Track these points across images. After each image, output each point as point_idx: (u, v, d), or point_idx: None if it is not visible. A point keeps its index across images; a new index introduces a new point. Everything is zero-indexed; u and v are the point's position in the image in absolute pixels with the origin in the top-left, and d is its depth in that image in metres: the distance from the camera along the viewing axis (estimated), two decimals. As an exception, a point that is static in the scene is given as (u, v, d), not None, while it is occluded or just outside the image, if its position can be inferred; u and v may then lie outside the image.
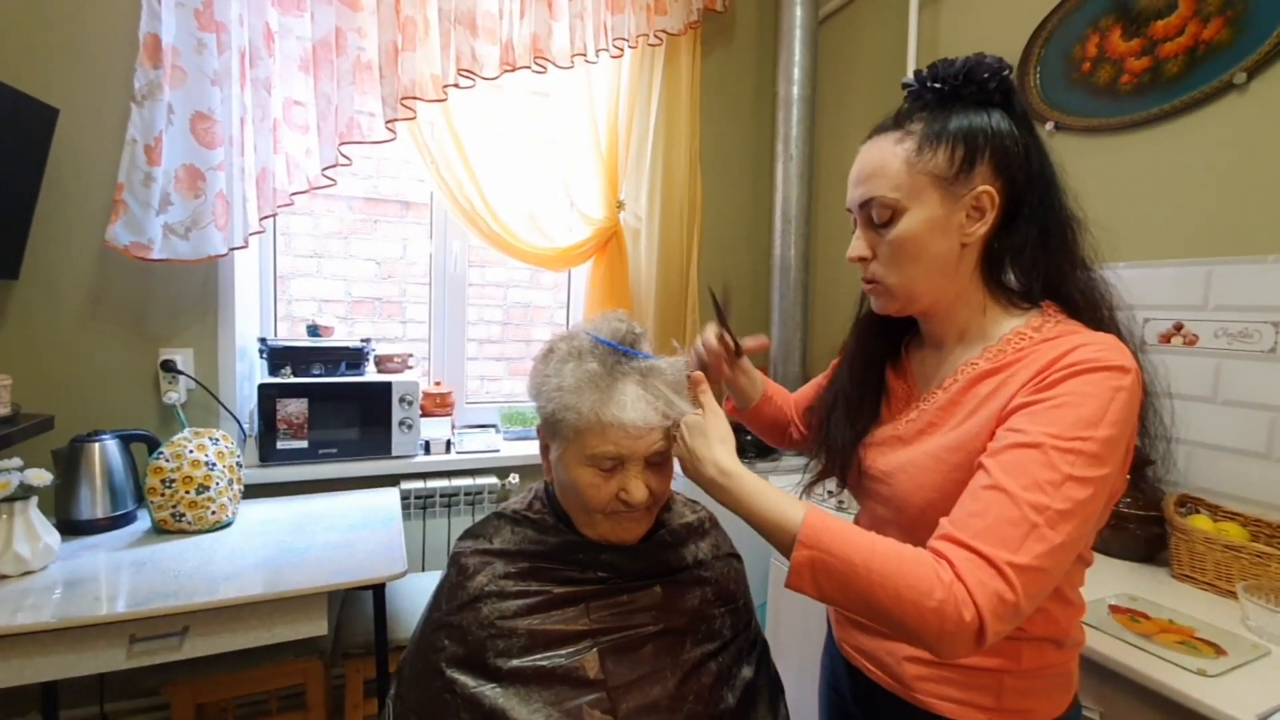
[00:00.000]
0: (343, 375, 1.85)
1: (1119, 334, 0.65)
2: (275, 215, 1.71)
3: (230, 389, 1.77)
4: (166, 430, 1.59)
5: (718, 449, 0.68)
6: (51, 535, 1.27)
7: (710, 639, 0.79)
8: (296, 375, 1.78)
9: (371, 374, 1.92)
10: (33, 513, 1.24)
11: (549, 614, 0.73)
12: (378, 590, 1.35)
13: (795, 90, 2.15)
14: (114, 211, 1.48)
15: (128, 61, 1.52)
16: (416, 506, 1.88)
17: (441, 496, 1.91)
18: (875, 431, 0.78)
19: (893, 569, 0.55)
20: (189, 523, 1.44)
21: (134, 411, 1.67)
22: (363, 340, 1.91)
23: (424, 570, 1.88)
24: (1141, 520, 1.19)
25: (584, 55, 1.94)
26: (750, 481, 0.66)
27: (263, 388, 1.72)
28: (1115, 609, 1.01)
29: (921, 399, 0.74)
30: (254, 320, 1.94)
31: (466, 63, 1.78)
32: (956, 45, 1.79)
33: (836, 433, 0.80)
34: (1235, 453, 1.17)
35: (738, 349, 0.91)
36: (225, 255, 1.63)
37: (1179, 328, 1.25)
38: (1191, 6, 1.25)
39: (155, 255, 1.53)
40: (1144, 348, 0.65)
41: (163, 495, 1.42)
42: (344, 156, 1.69)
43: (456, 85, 1.78)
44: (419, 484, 1.89)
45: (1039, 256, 0.68)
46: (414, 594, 1.66)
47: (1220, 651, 0.88)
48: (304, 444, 1.77)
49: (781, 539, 0.61)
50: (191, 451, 1.46)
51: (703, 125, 2.25)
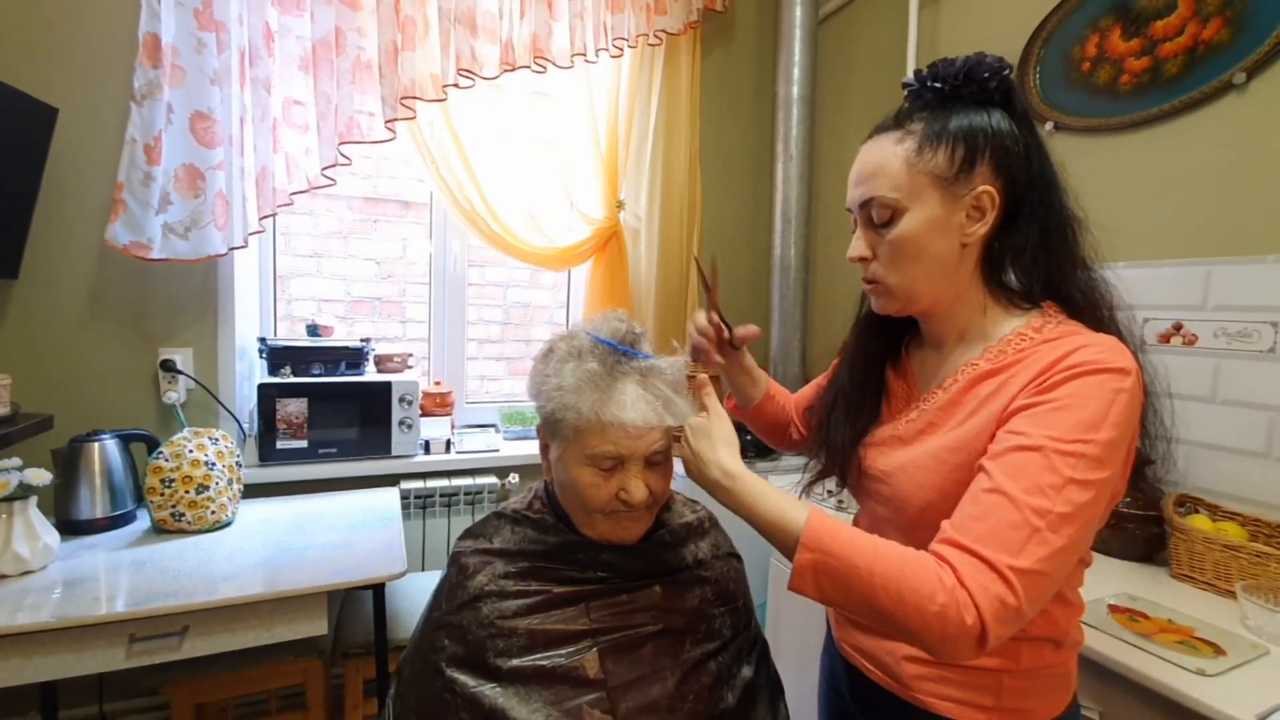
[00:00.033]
0: (342, 375, 1.85)
1: (1119, 335, 0.65)
2: (275, 215, 1.71)
3: (230, 389, 1.77)
4: (166, 430, 1.59)
5: (722, 451, 0.68)
6: (51, 535, 1.27)
7: (710, 639, 0.79)
8: (296, 375, 1.78)
9: (371, 374, 1.92)
10: (32, 512, 1.24)
11: (549, 614, 0.73)
12: (377, 590, 1.35)
13: (795, 90, 2.15)
14: (113, 211, 1.48)
15: (127, 61, 1.52)
16: (416, 506, 1.88)
17: (441, 496, 1.91)
18: (875, 431, 0.78)
19: (895, 573, 0.55)
20: (188, 522, 1.44)
21: (133, 411, 1.67)
22: (362, 340, 1.91)
23: (424, 570, 1.88)
24: (1141, 520, 1.19)
25: (584, 55, 1.94)
26: (754, 483, 0.66)
27: (262, 387, 1.72)
28: (1114, 609, 1.01)
29: (922, 399, 0.74)
30: (254, 320, 1.94)
31: (466, 62, 1.78)
32: (956, 45, 1.80)
33: (836, 432, 0.80)
34: (1234, 452, 1.17)
35: (730, 334, 0.89)
36: (225, 255, 1.62)
37: (1178, 328, 1.25)
38: (1191, 6, 1.25)
39: (155, 255, 1.53)
40: (1143, 348, 0.65)
41: (162, 495, 1.42)
42: (343, 156, 1.69)
43: (456, 85, 1.78)
44: (419, 484, 1.89)
45: (1039, 256, 0.68)
46: (414, 594, 1.66)
47: (1219, 651, 0.89)
48: (304, 444, 1.77)
49: (784, 541, 0.62)
50: (191, 451, 1.46)
51: (702, 125, 2.25)
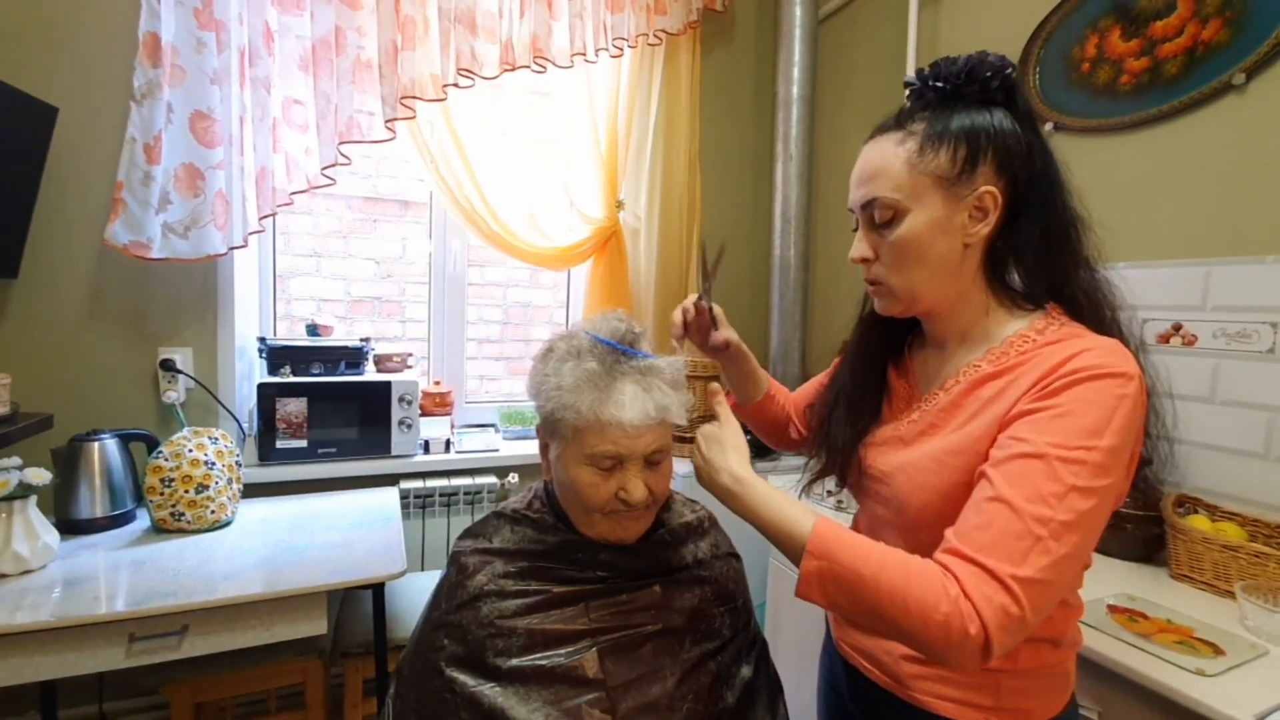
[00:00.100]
0: (342, 375, 1.85)
1: (1121, 337, 0.65)
2: (274, 214, 1.71)
3: (229, 388, 1.77)
4: (166, 429, 1.59)
5: (732, 457, 0.69)
6: (50, 534, 1.27)
7: (709, 638, 0.79)
8: (296, 374, 1.78)
9: (371, 373, 1.92)
10: (32, 512, 1.24)
11: (548, 613, 0.74)
12: (377, 590, 1.35)
13: (795, 90, 2.15)
14: (113, 210, 1.48)
15: (127, 60, 1.52)
16: (416, 506, 1.88)
17: (441, 496, 1.91)
18: (876, 431, 0.78)
19: (900, 582, 0.55)
20: (188, 522, 1.44)
21: (133, 411, 1.67)
22: (362, 340, 1.91)
23: (423, 570, 1.88)
24: (1140, 520, 1.19)
25: (584, 55, 1.94)
26: (763, 489, 0.66)
27: (262, 387, 1.72)
28: (1113, 609, 1.01)
29: (923, 400, 0.74)
30: (253, 319, 1.94)
31: (466, 62, 1.78)
32: (956, 45, 1.80)
33: (837, 431, 0.80)
34: (1233, 453, 1.17)
35: (714, 320, 0.91)
36: (224, 254, 1.62)
37: (1178, 328, 1.25)
38: (1190, 7, 1.25)
39: (154, 254, 1.53)
40: (1143, 348, 0.65)
41: (162, 494, 1.42)
42: (343, 156, 1.69)
43: (456, 85, 1.78)
44: (418, 483, 1.89)
45: (1042, 257, 0.68)
46: (413, 593, 1.66)
47: (1218, 651, 0.89)
48: (303, 443, 1.77)
49: (791, 548, 0.62)
50: (191, 451, 1.46)
51: (702, 125, 2.25)
